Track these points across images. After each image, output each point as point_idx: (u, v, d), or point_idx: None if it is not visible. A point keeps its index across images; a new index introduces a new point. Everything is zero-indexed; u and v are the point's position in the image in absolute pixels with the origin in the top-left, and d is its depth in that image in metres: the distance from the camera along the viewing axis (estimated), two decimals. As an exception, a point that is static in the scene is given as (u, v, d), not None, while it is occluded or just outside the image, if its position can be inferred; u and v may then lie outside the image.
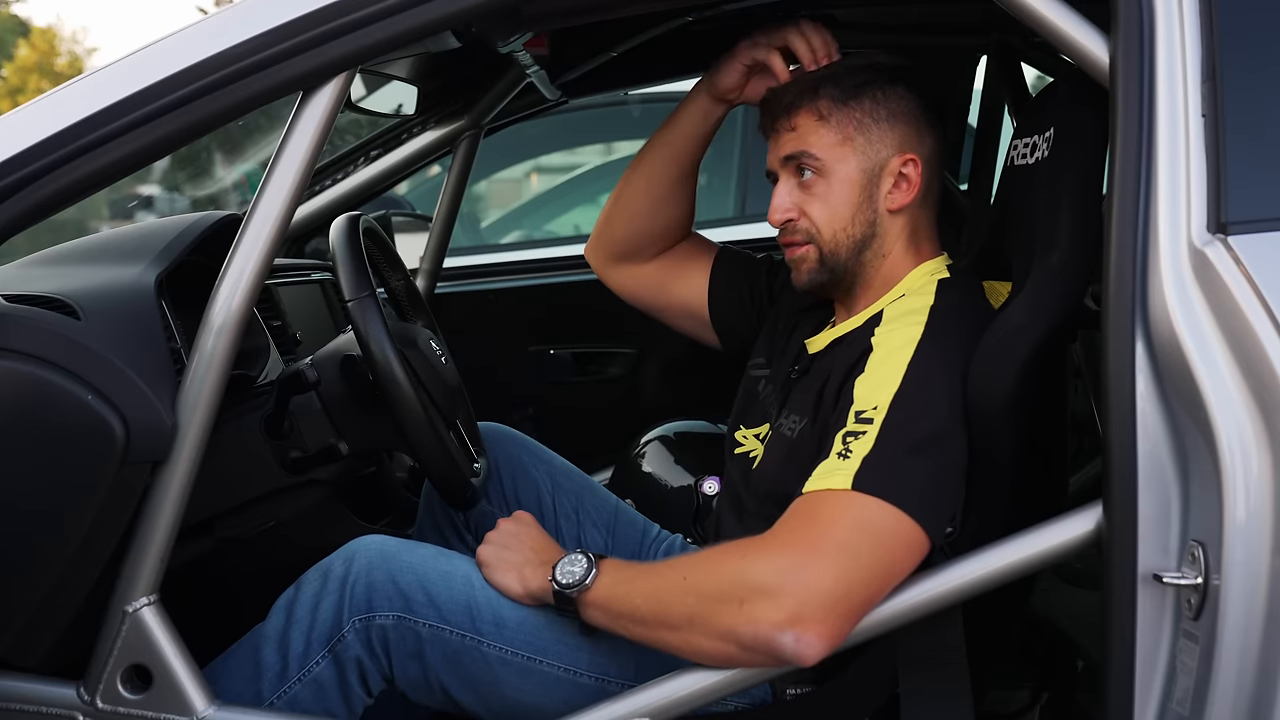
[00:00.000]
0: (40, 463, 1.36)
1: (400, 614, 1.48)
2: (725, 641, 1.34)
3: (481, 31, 1.59)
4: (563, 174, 5.95)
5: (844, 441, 1.40)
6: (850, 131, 1.59)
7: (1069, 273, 1.42)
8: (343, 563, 1.51)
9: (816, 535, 1.33)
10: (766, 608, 1.30)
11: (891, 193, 1.60)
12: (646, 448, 2.40)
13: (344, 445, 1.72)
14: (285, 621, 1.51)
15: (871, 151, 1.59)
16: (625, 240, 1.93)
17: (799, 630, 1.29)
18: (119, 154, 1.41)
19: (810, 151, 1.59)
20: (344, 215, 1.73)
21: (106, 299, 1.50)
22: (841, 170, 1.59)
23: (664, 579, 1.40)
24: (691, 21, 2.16)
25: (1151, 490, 1.29)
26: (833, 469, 1.38)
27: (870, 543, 1.33)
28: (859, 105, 1.60)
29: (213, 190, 7.64)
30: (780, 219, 1.61)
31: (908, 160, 1.60)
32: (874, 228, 1.60)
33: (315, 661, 1.49)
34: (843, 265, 1.61)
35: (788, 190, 1.62)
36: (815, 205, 1.60)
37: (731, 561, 1.35)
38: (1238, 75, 1.30)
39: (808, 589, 1.30)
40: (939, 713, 1.47)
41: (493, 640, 1.49)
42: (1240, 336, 1.23)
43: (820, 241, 1.60)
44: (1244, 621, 1.23)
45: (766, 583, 1.31)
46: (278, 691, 1.50)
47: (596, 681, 1.51)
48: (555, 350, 2.92)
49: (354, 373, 1.71)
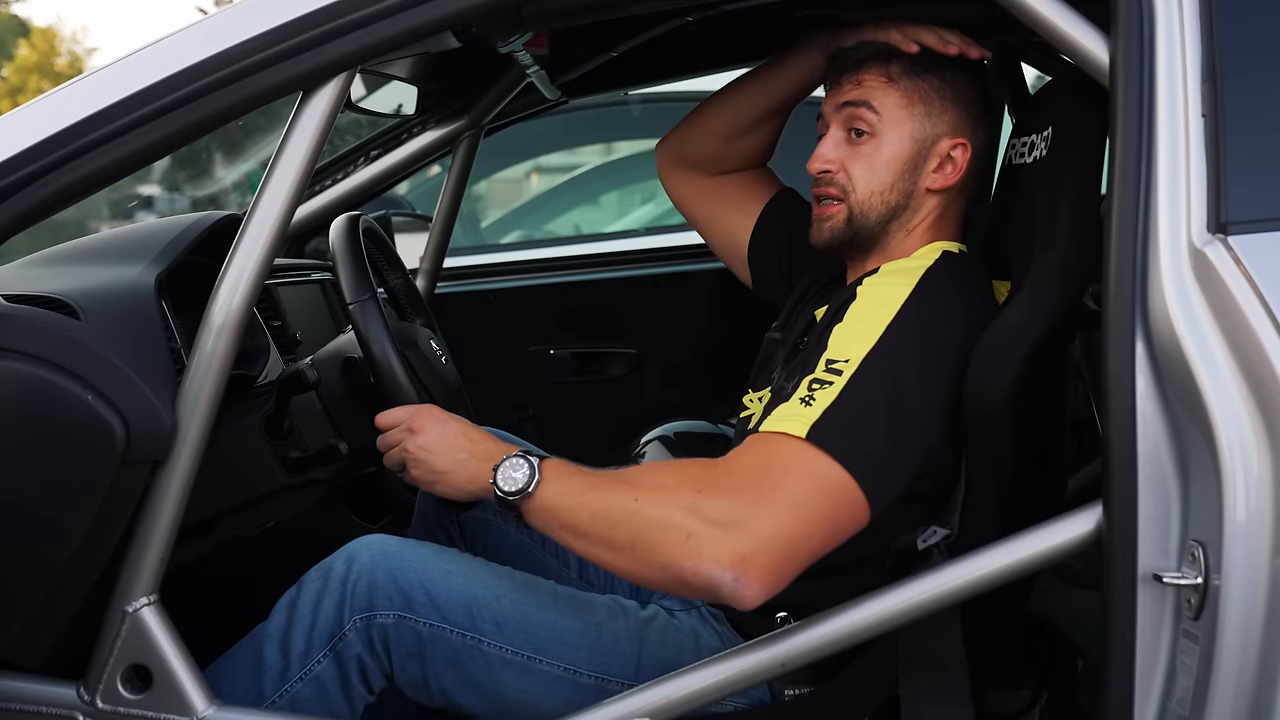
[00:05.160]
0: (40, 463, 1.36)
1: (401, 613, 1.48)
2: (665, 572, 1.32)
3: (481, 31, 1.59)
4: (563, 174, 5.95)
5: (809, 388, 1.39)
6: (915, 98, 1.59)
7: (1067, 272, 1.42)
8: (344, 562, 1.51)
9: (769, 483, 1.32)
10: (711, 545, 1.29)
11: (936, 172, 1.60)
12: (646, 448, 2.40)
13: (344, 445, 1.72)
14: (287, 621, 1.51)
15: (928, 124, 1.59)
16: (696, 152, 1.93)
17: (739, 571, 1.28)
18: (119, 154, 1.41)
19: (871, 103, 1.59)
20: (344, 215, 1.73)
21: (106, 299, 1.50)
22: (894, 134, 1.59)
23: (613, 497, 1.36)
24: (691, 21, 2.16)
25: (1151, 490, 1.29)
26: (792, 413, 1.37)
27: (817, 498, 1.32)
28: (927, 79, 1.60)
29: (213, 190, 7.65)
30: (819, 167, 1.61)
31: (959, 144, 1.60)
32: (909, 199, 1.60)
33: (317, 660, 1.50)
34: (869, 229, 1.60)
35: (835, 143, 1.61)
36: (859, 164, 1.59)
37: (685, 494, 1.33)
38: (1238, 75, 1.30)
39: (754, 534, 1.29)
40: (940, 714, 1.47)
41: (493, 640, 1.49)
42: (1240, 336, 1.23)
43: (852, 200, 1.60)
44: (1244, 621, 1.23)
45: (716, 520, 1.30)
46: (279, 690, 1.50)
47: (597, 681, 1.51)
48: (555, 350, 2.92)
49: (354, 373, 1.71)
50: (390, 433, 1.51)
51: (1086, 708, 1.82)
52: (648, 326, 2.87)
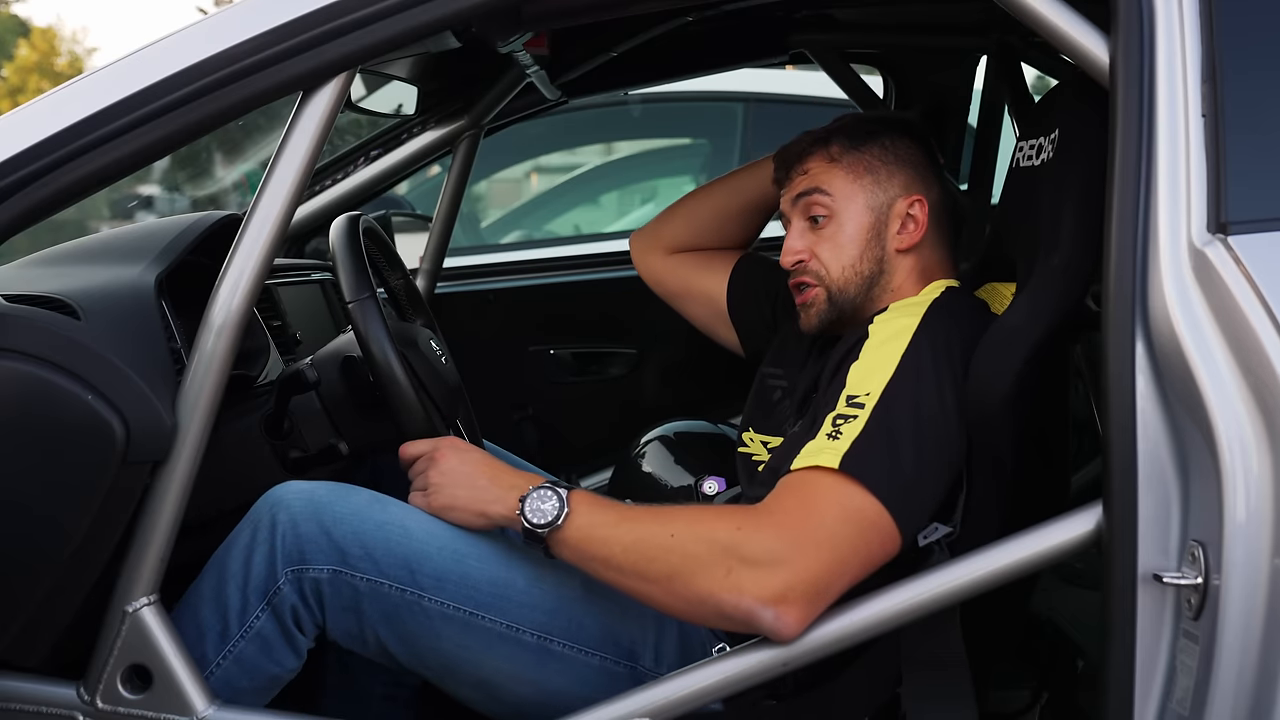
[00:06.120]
0: (40, 463, 1.36)
1: (336, 567, 1.46)
2: (702, 604, 1.36)
3: (481, 31, 1.59)
4: (563, 174, 5.96)
5: (834, 423, 1.42)
6: (860, 170, 1.66)
7: (1070, 274, 1.42)
8: (270, 511, 1.48)
9: (812, 521, 1.36)
10: (753, 581, 1.33)
11: (900, 233, 1.65)
12: (646, 448, 2.40)
13: (344, 445, 1.72)
14: (219, 578, 1.49)
15: (879, 191, 1.66)
16: (672, 238, 2.04)
17: (781, 609, 1.33)
18: (119, 154, 1.41)
19: (821, 187, 1.66)
20: (344, 215, 1.73)
21: (106, 299, 1.50)
22: (850, 209, 1.65)
23: (648, 531, 1.39)
24: (691, 21, 2.16)
25: (1151, 490, 1.29)
26: (821, 447, 1.40)
27: (854, 532, 1.37)
28: (868, 149, 1.67)
29: (213, 190, 7.64)
30: (791, 260, 1.67)
31: (914, 201, 1.66)
32: (881, 265, 1.65)
33: (255, 616, 1.47)
34: (852, 301, 1.66)
35: (799, 233, 1.68)
36: (825, 246, 1.66)
37: (724, 529, 1.37)
38: (1238, 75, 1.30)
39: (795, 573, 1.33)
40: (944, 714, 1.47)
41: (433, 595, 1.47)
42: (1240, 336, 1.23)
43: (829, 281, 1.65)
44: (1244, 621, 1.23)
45: (758, 558, 1.34)
46: (222, 651, 1.48)
47: (538, 640, 1.49)
48: (555, 350, 2.92)
49: (354, 373, 1.71)
50: (417, 463, 1.53)
51: (1086, 708, 1.82)
52: (647, 326, 2.87)
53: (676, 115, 4.53)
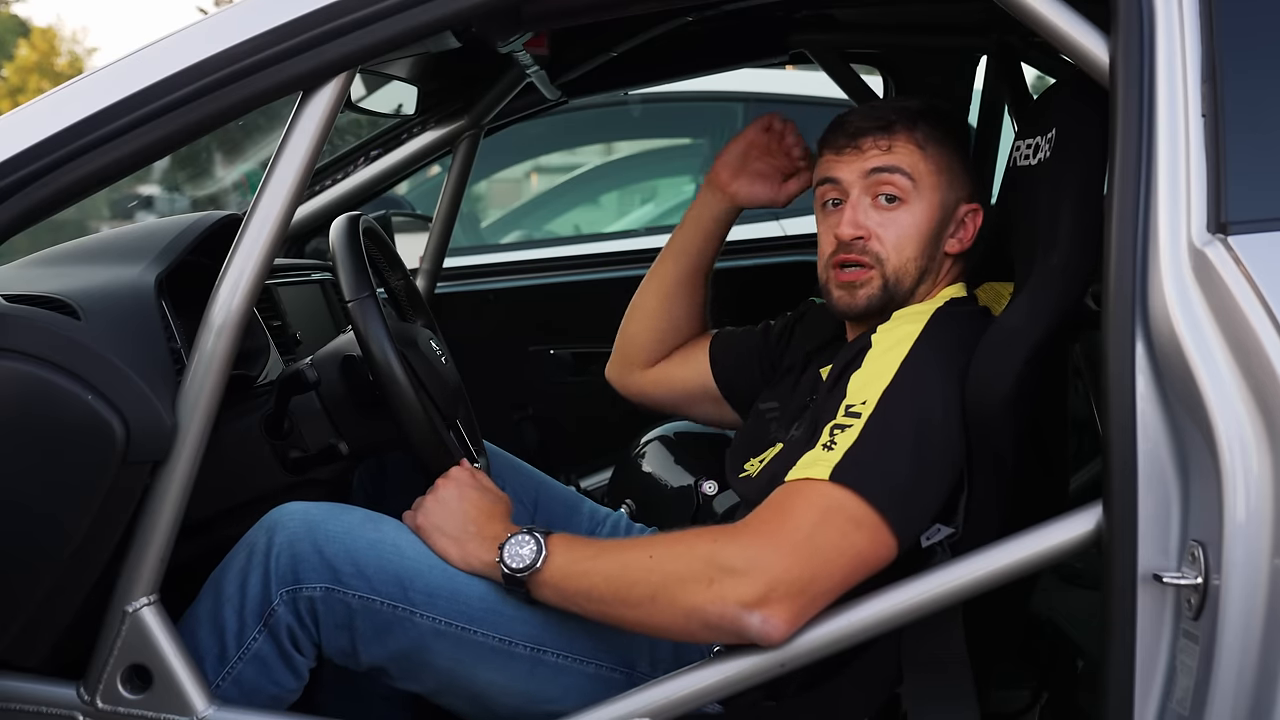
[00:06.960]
0: (40, 463, 1.36)
1: (329, 585, 1.46)
2: (689, 618, 1.36)
3: (481, 31, 1.59)
4: (563, 174, 5.96)
5: (830, 434, 1.42)
6: (943, 165, 1.61)
7: (1069, 274, 1.42)
8: (265, 534, 1.49)
9: (789, 525, 1.37)
10: (735, 588, 1.33)
11: (953, 237, 1.62)
12: (646, 448, 2.40)
13: (344, 445, 1.72)
14: (215, 601, 1.49)
15: (950, 191, 1.62)
16: (641, 346, 1.97)
17: (766, 611, 1.33)
18: (119, 154, 1.41)
19: (905, 169, 1.58)
20: (344, 215, 1.73)
21: (106, 299, 1.50)
22: (926, 199, 1.59)
23: (628, 557, 1.41)
24: (691, 21, 2.16)
25: (1151, 490, 1.29)
26: (815, 459, 1.41)
27: (836, 533, 1.36)
28: (949, 145, 1.62)
29: (213, 190, 7.64)
30: (851, 234, 1.58)
31: (973, 209, 1.63)
32: (932, 263, 1.61)
33: (252, 638, 1.48)
34: (902, 294, 1.60)
35: (864, 208, 1.59)
36: (891, 230, 1.58)
37: (703, 544, 1.38)
38: (1238, 75, 1.30)
39: (777, 574, 1.33)
40: (945, 715, 1.47)
41: (425, 611, 1.47)
42: (1240, 336, 1.23)
43: (887, 269, 1.59)
44: (1244, 621, 1.23)
45: (737, 565, 1.34)
46: (221, 674, 1.48)
47: (531, 652, 1.50)
48: (555, 350, 2.92)
49: (354, 373, 1.71)
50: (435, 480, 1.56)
51: (1086, 708, 1.82)
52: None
53: (676, 115, 4.53)
